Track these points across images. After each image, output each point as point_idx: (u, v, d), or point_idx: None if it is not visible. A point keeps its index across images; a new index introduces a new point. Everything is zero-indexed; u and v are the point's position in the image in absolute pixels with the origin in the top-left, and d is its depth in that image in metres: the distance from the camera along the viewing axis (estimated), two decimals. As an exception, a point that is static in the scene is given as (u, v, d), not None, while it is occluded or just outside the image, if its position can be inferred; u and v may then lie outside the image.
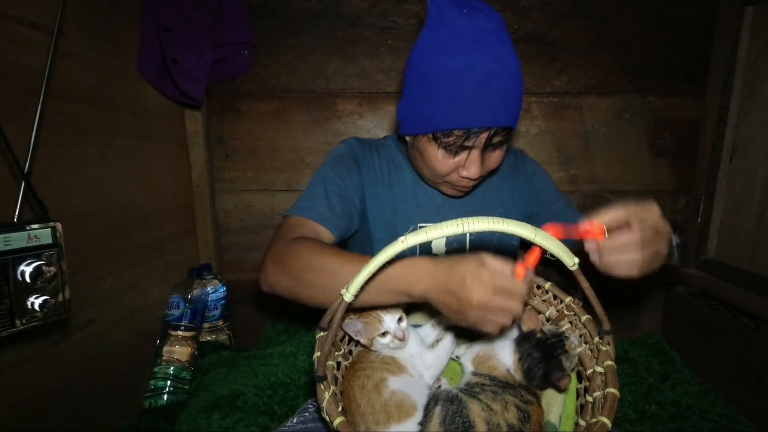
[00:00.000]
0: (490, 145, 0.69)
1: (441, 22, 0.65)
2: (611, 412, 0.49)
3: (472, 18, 0.64)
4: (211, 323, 1.17)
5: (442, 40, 0.65)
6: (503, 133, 0.68)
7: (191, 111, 1.20)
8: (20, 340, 0.69)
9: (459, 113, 0.64)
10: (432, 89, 0.66)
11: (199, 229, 1.26)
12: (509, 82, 0.65)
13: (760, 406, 0.91)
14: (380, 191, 0.84)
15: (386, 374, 0.60)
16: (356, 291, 0.47)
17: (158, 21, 0.96)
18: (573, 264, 0.48)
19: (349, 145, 0.86)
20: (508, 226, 0.44)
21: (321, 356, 0.52)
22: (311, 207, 0.75)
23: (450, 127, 0.66)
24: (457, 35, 0.64)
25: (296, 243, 0.66)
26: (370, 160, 0.85)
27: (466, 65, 0.63)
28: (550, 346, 0.59)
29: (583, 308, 0.66)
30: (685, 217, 1.28)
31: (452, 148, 0.68)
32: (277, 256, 0.66)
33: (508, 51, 0.65)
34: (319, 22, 1.19)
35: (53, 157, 0.75)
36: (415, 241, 0.44)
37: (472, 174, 0.70)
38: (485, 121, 0.64)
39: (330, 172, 0.80)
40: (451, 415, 0.54)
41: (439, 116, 0.66)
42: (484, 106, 0.64)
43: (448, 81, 0.64)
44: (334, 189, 0.78)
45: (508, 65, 0.64)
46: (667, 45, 1.20)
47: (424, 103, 0.67)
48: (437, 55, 0.65)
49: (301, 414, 0.71)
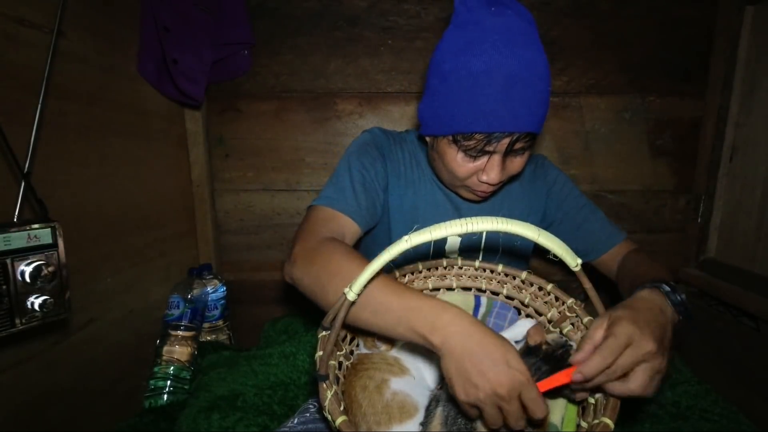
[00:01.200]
0: (512, 151, 0.67)
1: (468, 19, 0.63)
2: (613, 413, 0.49)
3: (501, 16, 0.61)
4: (211, 323, 1.17)
5: (468, 39, 0.62)
6: (526, 138, 0.66)
7: (191, 111, 1.20)
8: (20, 340, 0.69)
9: (480, 116, 0.62)
10: (454, 90, 0.64)
11: (199, 229, 1.26)
12: (535, 86, 0.62)
13: (760, 406, 0.91)
14: (402, 186, 0.83)
15: (388, 375, 0.60)
16: (359, 290, 0.47)
17: (158, 21, 0.96)
18: (576, 265, 0.48)
19: (374, 135, 0.84)
20: (511, 226, 0.44)
21: (323, 355, 0.52)
22: (339, 197, 0.74)
23: (470, 131, 0.64)
24: (483, 34, 0.61)
25: (329, 245, 0.64)
26: (395, 153, 0.84)
27: (490, 66, 0.60)
28: (557, 358, 0.56)
29: (585, 310, 0.66)
30: (685, 217, 1.28)
31: (472, 152, 0.67)
32: (307, 252, 0.64)
33: (537, 52, 0.62)
34: (319, 22, 1.19)
35: (53, 157, 0.75)
36: (419, 240, 0.44)
37: (492, 179, 0.69)
38: (507, 125, 0.62)
39: (356, 161, 0.79)
40: (453, 416, 0.53)
41: (459, 118, 0.64)
42: (507, 110, 0.62)
43: (470, 82, 0.62)
44: (360, 179, 0.77)
45: (535, 67, 0.61)
46: (667, 45, 1.20)
47: (446, 104, 0.65)
48: (461, 55, 0.62)
49: (301, 414, 0.71)
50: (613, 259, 0.86)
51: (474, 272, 0.77)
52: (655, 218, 1.28)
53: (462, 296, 0.76)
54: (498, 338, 0.48)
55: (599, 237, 0.87)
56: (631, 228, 1.29)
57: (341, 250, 0.63)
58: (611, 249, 0.86)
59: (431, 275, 0.78)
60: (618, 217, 1.28)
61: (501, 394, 0.45)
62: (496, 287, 0.75)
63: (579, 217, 0.87)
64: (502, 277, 0.75)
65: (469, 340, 0.47)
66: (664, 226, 1.29)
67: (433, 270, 0.78)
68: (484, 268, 0.76)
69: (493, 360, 0.45)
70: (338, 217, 0.72)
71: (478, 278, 0.77)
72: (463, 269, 0.78)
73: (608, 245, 0.86)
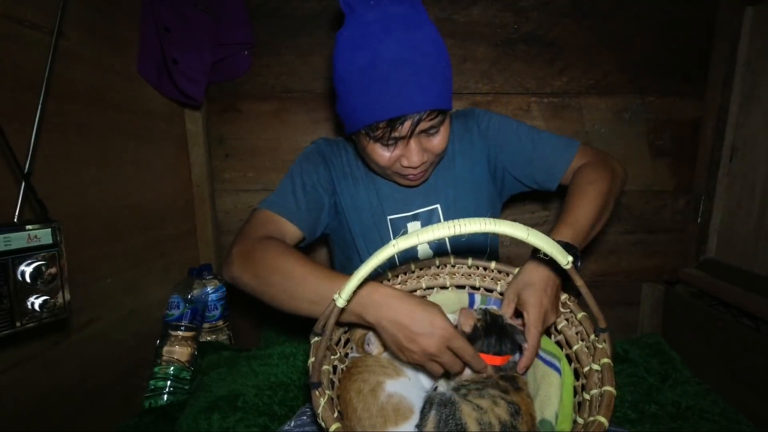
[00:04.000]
0: (424, 132, 0.69)
1: (350, 20, 0.67)
2: (608, 411, 0.49)
3: (378, 7, 0.64)
4: (211, 323, 1.17)
5: (351, 37, 0.66)
6: (432, 117, 0.67)
7: (191, 111, 1.20)
8: (20, 340, 0.69)
9: (375, 105, 0.65)
10: (349, 87, 0.67)
11: (199, 229, 1.26)
12: (424, 65, 0.64)
13: (760, 406, 0.91)
14: (350, 185, 0.86)
15: (383, 378, 0.60)
16: (348, 296, 0.47)
17: (158, 21, 0.96)
18: (567, 263, 0.48)
19: (318, 144, 0.90)
20: (499, 227, 0.43)
21: (315, 362, 0.52)
22: (280, 202, 0.78)
23: (372, 121, 0.66)
24: (363, 28, 0.64)
25: (265, 244, 0.68)
26: (338, 157, 0.88)
27: (373, 56, 0.63)
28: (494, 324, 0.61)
29: (579, 305, 0.66)
30: (685, 217, 1.28)
31: (383, 141, 0.69)
32: (244, 252, 0.69)
33: (422, 33, 0.65)
34: (319, 22, 1.19)
35: (53, 157, 0.75)
36: (406, 245, 0.44)
37: (412, 163, 0.71)
38: (404, 108, 0.64)
39: (298, 168, 0.84)
40: (445, 419, 0.54)
41: (360, 112, 0.67)
42: (396, 94, 0.63)
43: (359, 75, 0.65)
44: (301, 184, 0.81)
45: (417, 47, 0.64)
46: (667, 45, 1.20)
47: (348, 102, 0.69)
48: (347, 52, 0.66)
49: (298, 418, 0.71)
50: (569, 177, 0.84)
51: (467, 270, 0.78)
52: (655, 218, 1.28)
53: (456, 294, 0.76)
54: (422, 305, 0.56)
55: (553, 160, 0.84)
56: (631, 228, 1.29)
57: (278, 248, 0.67)
58: (568, 168, 0.84)
59: (424, 275, 0.78)
60: (618, 217, 1.28)
61: (431, 352, 0.54)
62: (490, 284, 0.76)
63: (527, 148, 0.85)
64: (495, 274, 0.76)
65: (398, 314, 0.55)
66: (664, 226, 1.29)
67: (425, 269, 0.78)
68: (477, 265, 0.77)
69: (420, 326, 0.55)
70: (277, 220, 0.76)
71: (471, 276, 0.77)
72: (456, 267, 0.78)
73: (564, 164, 0.84)
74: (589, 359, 0.60)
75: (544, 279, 0.63)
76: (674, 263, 1.30)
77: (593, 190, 0.74)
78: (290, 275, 0.63)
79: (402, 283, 0.77)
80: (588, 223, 0.70)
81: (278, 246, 0.68)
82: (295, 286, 0.62)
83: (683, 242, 1.29)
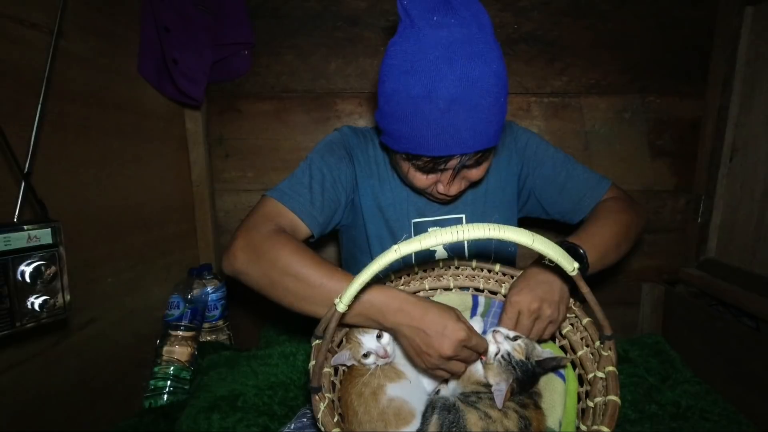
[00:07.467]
0: (466, 166, 0.66)
1: (409, 33, 0.59)
2: (612, 421, 0.48)
3: (442, 29, 0.58)
4: (211, 323, 1.17)
5: (408, 57, 0.59)
6: (477, 155, 0.65)
7: (191, 111, 1.20)
8: (20, 340, 0.69)
9: (422, 141, 0.61)
10: (396, 113, 0.62)
11: (199, 229, 1.26)
12: (482, 107, 0.59)
13: (760, 406, 0.91)
14: (375, 184, 0.81)
15: (384, 381, 0.60)
16: (349, 301, 0.47)
17: (158, 21, 0.96)
18: (573, 270, 0.47)
19: (343, 134, 0.82)
20: (504, 233, 0.42)
21: (316, 366, 0.52)
22: (292, 195, 0.71)
23: (416, 153, 0.64)
24: (421, 53, 0.58)
25: (275, 240, 0.64)
26: (365, 151, 0.82)
27: (429, 90, 0.57)
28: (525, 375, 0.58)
29: (583, 310, 0.66)
30: (685, 217, 1.28)
31: (423, 169, 0.67)
32: (251, 246, 0.64)
33: (486, 65, 0.58)
34: (319, 22, 1.19)
35: (53, 157, 0.75)
36: (408, 250, 0.43)
37: (449, 192, 0.69)
38: (452, 149, 0.61)
39: (319, 159, 0.76)
40: (448, 425, 0.53)
41: (404, 141, 0.64)
42: (450, 134, 0.60)
43: (411, 106, 0.60)
44: (320, 179, 0.74)
45: (481, 85, 0.58)
46: (667, 45, 1.20)
47: (392, 123, 0.64)
48: (401, 76, 0.60)
49: (298, 420, 0.71)
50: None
51: (471, 272, 0.77)
52: (655, 218, 1.28)
53: (459, 296, 0.76)
54: (436, 309, 0.56)
55: (584, 194, 0.83)
56: (631, 228, 1.29)
57: (290, 246, 0.62)
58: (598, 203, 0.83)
59: (428, 276, 0.78)
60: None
61: (448, 355, 0.55)
62: (494, 286, 0.75)
63: (561, 177, 0.83)
64: (499, 276, 0.75)
65: (414, 320, 0.56)
66: (664, 226, 1.29)
67: (429, 271, 0.78)
68: (481, 267, 0.76)
69: (435, 331, 0.55)
70: (286, 214, 0.70)
71: (475, 278, 0.77)
72: (460, 269, 0.78)
73: (594, 200, 0.82)
74: (593, 366, 0.59)
75: (541, 277, 0.63)
76: (674, 263, 1.30)
77: (615, 219, 0.74)
78: (305, 279, 0.59)
79: (405, 284, 0.76)
80: (603, 243, 0.69)
81: (289, 244, 0.63)
82: (311, 289, 0.59)
83: (683, 242, 1.29)
